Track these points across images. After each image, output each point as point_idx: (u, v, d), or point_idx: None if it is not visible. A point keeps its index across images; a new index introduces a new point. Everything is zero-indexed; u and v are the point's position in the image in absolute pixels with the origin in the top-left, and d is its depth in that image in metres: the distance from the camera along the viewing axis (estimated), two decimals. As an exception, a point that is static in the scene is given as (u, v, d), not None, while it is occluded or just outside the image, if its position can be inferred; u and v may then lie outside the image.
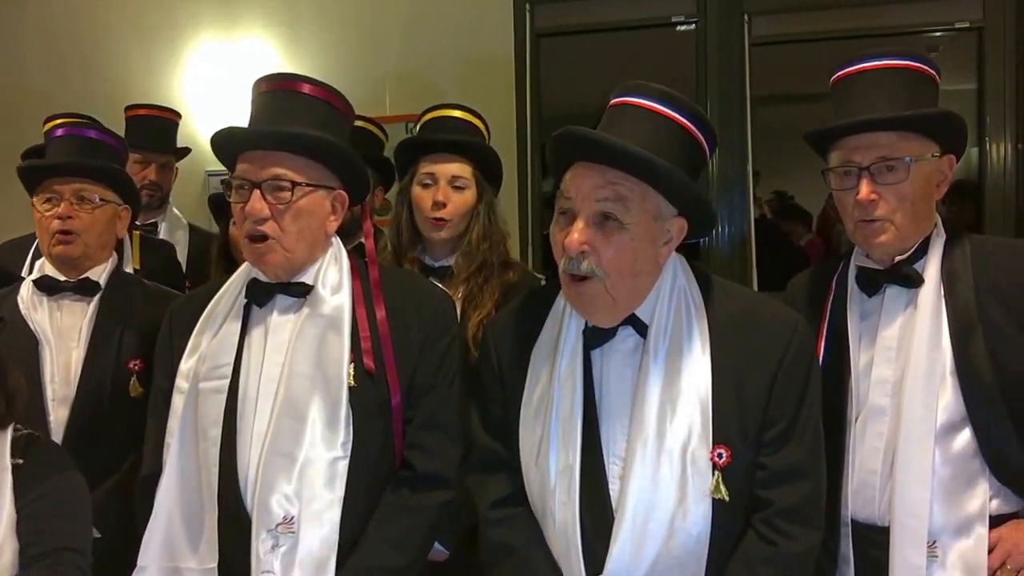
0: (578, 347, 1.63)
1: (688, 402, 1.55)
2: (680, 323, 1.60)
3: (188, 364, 1.82)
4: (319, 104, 1.82)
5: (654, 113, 1.56)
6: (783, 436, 1.58)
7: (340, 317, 1.78)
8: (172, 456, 1.80)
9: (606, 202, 1.53)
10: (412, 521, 1.77)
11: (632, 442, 1.55)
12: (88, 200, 2.28)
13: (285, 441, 1.71)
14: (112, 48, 4.53)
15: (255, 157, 1.76)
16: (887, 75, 1.78)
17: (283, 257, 1.78)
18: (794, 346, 1.60)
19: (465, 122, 2.50)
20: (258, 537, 1.68)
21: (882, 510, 1.79)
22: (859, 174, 1.78)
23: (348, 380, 1.74)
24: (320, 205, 1.81)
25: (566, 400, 1.60)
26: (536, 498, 1.65)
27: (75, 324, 2.29)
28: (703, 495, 1.53)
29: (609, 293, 1.56)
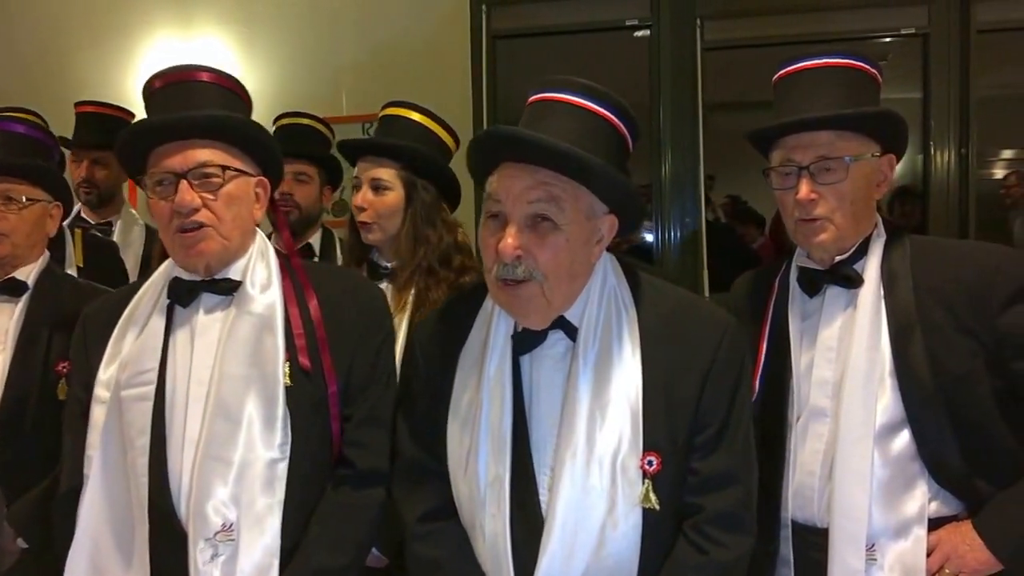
0: (507, 352, 1.55)
1: (618, 409, 1.48)
2: (610, 326, 1.53)
3: (108, 372, 1.70)
4: (222, 91, 1.73)
5: (579, 108, 1.49)
6: (714, 440, 1.52)
7: (273, 315, 1.68)
8: (95, 469, 1.66)
9: (539, 203, 1.45)
10: (354, 519, 1.69)
11: (561, 451, 1.48)
12: (14, 200, 2.16)
13: (220, 445, 1.60)
14: (66, 46, 4.41)
15: (171, 149, 1.65)
16: (827, 74, 1.73)
17: (220, 245, 1.67)
18: (724, 347, 1.53)
19: (415, 123, 2.41)
20: (196, 547, 1.57)
21: (821, 512, 1.74)
22: (799, 173, 1.72)
23: (284, 379, 1.65)
24: (247, 192, 1.71)
25: (495, 408, 1.52)
26: (465, 509, 1.57)
27: (3, 326, 2.17)
28: (633, 504, 1.46)
29: (545, 296, 1.49)
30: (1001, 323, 1.67)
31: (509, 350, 1.55)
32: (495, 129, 1.48)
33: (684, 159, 4.10)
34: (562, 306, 1.52)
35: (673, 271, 4.15)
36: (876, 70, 1.78)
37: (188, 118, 1.65)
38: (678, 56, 4.10)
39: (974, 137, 4.04)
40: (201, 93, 1.69)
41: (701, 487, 1.52)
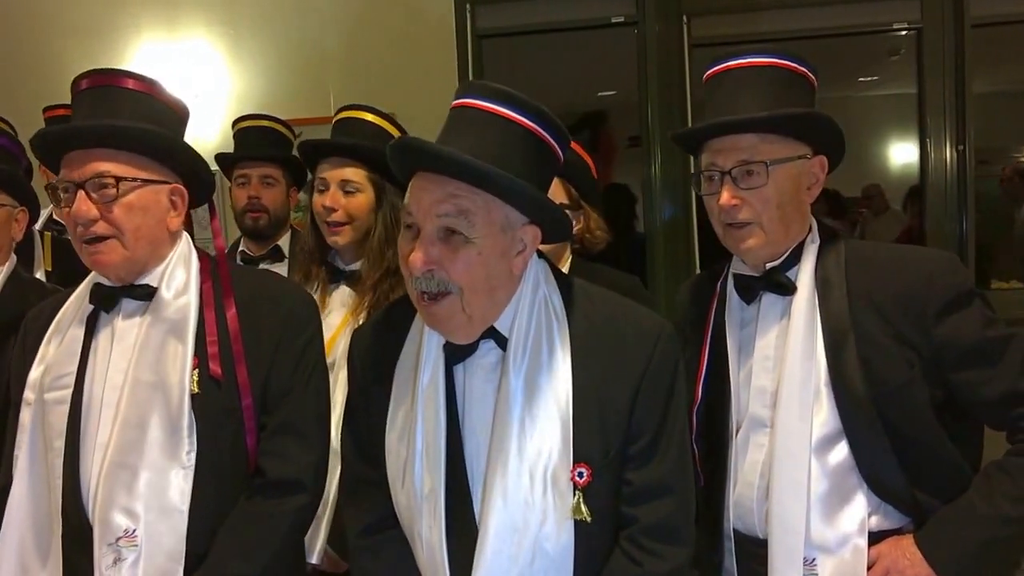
0: (440, 363, 1.52)
1: (548, 419, 1.45)
2: (540, 336, 1.50)
3: (35, 374, 1.72)
4: (143, 98, 1.70)
5: (496, 116, 1.44)
6: (648, 450, 1.49)
7: (184, 320, 1.68)
8: (20, 469, 1.70)
9: (447, 217, 1.41)
10: (263, 528, 1.67)
11: (492, 462, 1.45)
12: None
13: (126, 452, 1.61)
14: (51, 48, 4.42)
15: (75, 157, 1.65)
16: (751, 74, 1.68)
17: (122, 256, 1.67)
18: (657, 355, 1.49)
19: (372, 125, 2.40)
20: (100, 551, 1.59)
21: (761, 523, 1.71)
22: (721, 178, 1.69)
23: (191, 387, 1.64)
24: (154, 201, 1.69)
25: (429, 419, 1.50)
26: (404, 520, 1.55)
27: None
28: (564, 516, 1.44)
29: (464, 310, 1.45)
30: (937, 334, 1.63)
31: (442, 361, 1.52)
32: (402, 140, 1.44)
33: (674, 156, 4.07)
34: (484, 319, 1.49)
35: (663, 270, 4.12)
36: (808, 69, 1.73)
37: (85, 128, 1.65)
38: (665, 53, 4.06)
39: (971, 133, 3.97)
40: (123, 100, 1.68)
41: (635, 498, 1.49)
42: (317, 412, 1.76)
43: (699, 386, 1.82)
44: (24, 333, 1.84)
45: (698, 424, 1.81)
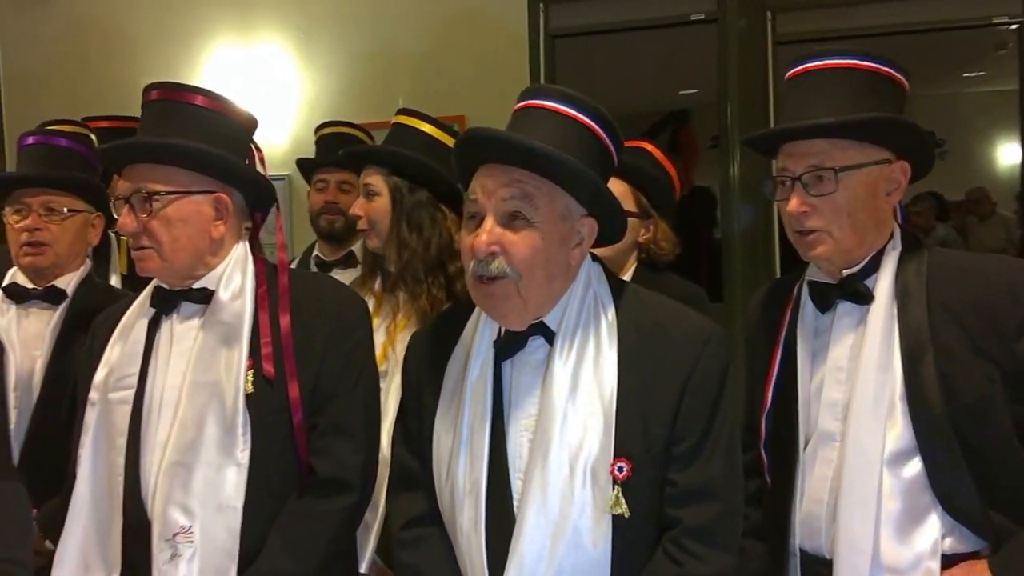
0: (489, 358, 1.61)
1: (591, 413, 1.52)
2: (588, 332, 1.57)
3: (99, 376, 1.84)
4: (204, 112, 1.81)
5: (556, 113, 1.55)
6: (692, 452, 1.53)
7: (239, 322, 1.78)
8: (83, 467, 1.82)
9: (512, 200, 1.52)
10: (313, 527, 1.75)
11: (533, 453, 1.52)
12: (56, 211, 2.31)
13: (183, 451, 1.72)
14: (131, 53, 4.64)
15: (127, 172, 1.80)
16: (829, 77, 1.69)
17: (159, 265, 1.79)
18: (705, 358, 1.54)
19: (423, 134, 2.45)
20: (157, 546, 1.70)
21: (828, 542, 1.70)
22: (792, 184, 1.69)
23: (246, 386, 1.74)
24: (195, 211, 1.80)
25: (475, 412, 1.58)
26: (446, 512, 1.63)
27: (40, 332, 2.32)
28: (603, 510, 1.49)
29: (520, 295, 1.54)
30: (1019, 348, 1.60)
31: (491, 356, 1.61)
32: (470, 130, 1.56)
33: (754, 158, 4.03)
34: (538, 307, 1.57)
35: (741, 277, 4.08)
36: (895, 70, 1.72)
37: (123, 146, 1.80)
38: (747, 51, 4.03)
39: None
40: (184, 114, 1.79)
41: (679, 499, 1.53)
42: (366, 413, 1.84)
43: (768, 392, 1.83)
44: (91, 337, 1.97)
45: (766, 431, 1.83)
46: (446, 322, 1.76)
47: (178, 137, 1.78)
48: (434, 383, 1.67)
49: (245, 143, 1.92)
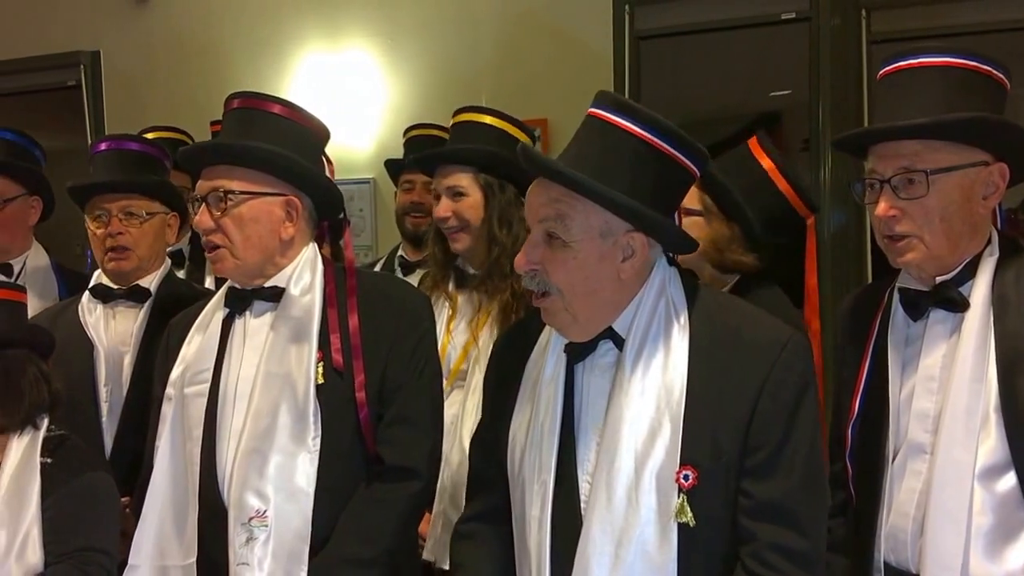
0: (561, 360, 1.63)
1: (658, 419, 1.50)
2: (658, 337, 1.56)
3: (176, 372, 1.96)
4: (286, 123, 1.92)
5: (611, 126, 1.54)
6: (768, 464, 1.49)
7: (309, 317, 1.88)
8: (160, 458, 1.93)
9: (547, 221, 1.54)
10: (382, 513, 1.85)
11: (600, 457, 1.53)
12: (135, 215, 2.39)
13: (257, 439, 1.82)
14: (225, 62, 4.77)
15: (204, 173, 1.91)
16: (923, 75, 1.63)
17: (233, 264, 1.90)
18: (781, 366, 1.50)
19: (490, 127, 2.45)
20: (233, 530, 1.80)
21: (915, 557, 1.64)
22: (881, 187, 1.63)
23: (316, 378, 1.83)
24: (266, 212, 1.90)
25: (546, 412, 1.60)
26: (517, 506, 1.65)
27: (127, 330, 2.42)
28: (668, 518, 1.47)
29: (568, 311, 1.56)
30: None
31: (564, 359, 1.62)
32: (521, 148, 1.63)
33: (845, 161, 3.92)
34: (591, 321, 1.57)
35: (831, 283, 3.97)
36: (994, 68, 1.64)
37: (206, 147, 1.93)
38: (840, 50, 3.92)
39: None
40: (262, 122, 1.90)
41: (756, 512, 1.49)
42: (430, 404, 1.95)
43: (856, 401, 1.78)
44: (168, 336, 2.09)
45: (853, 441, 1.77)
46: (525, 328, 1.79)
47: (256, 142, 1.87)
48: (512, 387, 1.70)
49: (318, 151, 2.01)
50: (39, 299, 2.65)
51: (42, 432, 2.06)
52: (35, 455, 2.02)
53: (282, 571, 1.78)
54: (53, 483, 1.99)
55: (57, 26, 5.11)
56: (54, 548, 1.96)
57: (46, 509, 1.97)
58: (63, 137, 5.00)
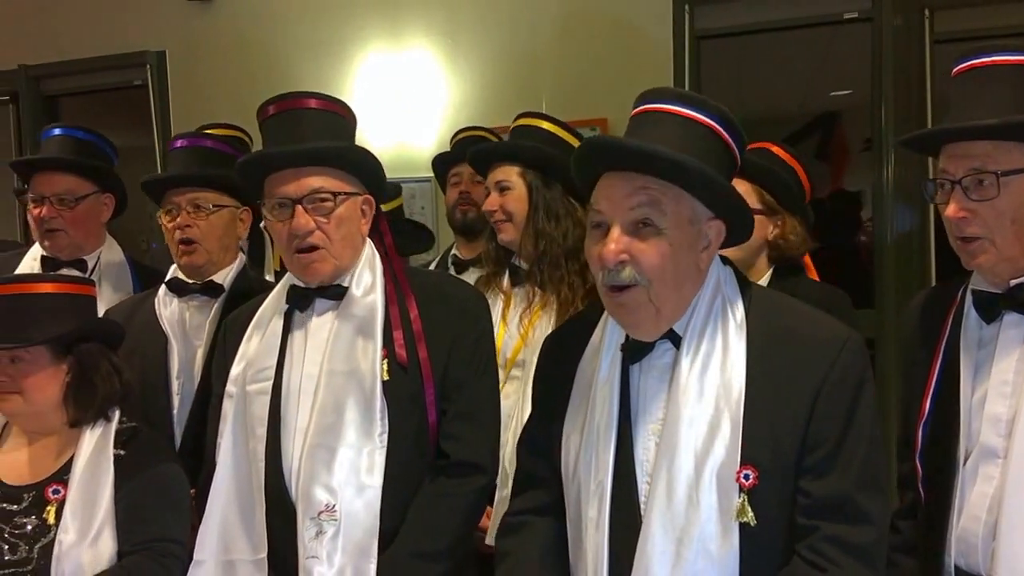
0: (617, 360, 1.62)
1: (717, 419, 1.50)
2: (715, 337, 1.55)
3: (236, 370, 1.98)
4: (327, 116, 1.94)
5: (675, 115, 1.53)
6: (826, 462, 1.49)
7: (372, 315, 1.91)
8: (223, 455, 1.95)
9: (640, 208, 1.50)
10: (449, 507, 1.88)
11: (659, 457, 1.52)
12: (203, 208, 2.42)
13: (325, 434, 1.85)
14: (288, 62, 4.85)
15: (287, 176, 1.89)
16: (994, 74, 1.60)
17: (332, 265, 1.93)
18: (840, 366, 1.49)
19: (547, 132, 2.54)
20: (303, 525, 1.82)
21: (986, 562, 1.62)
22: (952, 188, 1.61)
23: (382, 374, 1.86)
24: (355, 211, 1.95)
25: (602, 413, 1.59)
26: (572, 511, 1.65)
27: (201, 323, 2.46)
28: (729, 517, 1.47)
29: (652, 302, 1.53)
30: None
31: (619, 359, 1.62)
32: (591, 139, 1.56)
33: (909, 161, 3.87)
34: (672, 314, 1.56)
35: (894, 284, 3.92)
36: None
37: (302, 150, 1.89)
38: (903, 49, 3.87)
39: None
40: (308, 120, 1.92)
41: (813, 511, 1.49)
42: (491, 400, 1.99)
43: (926, 401, 1.76)
44: (225, 333, 2.12)
45: (923, 442, 1.76)
46: (576, 326, 1.79)
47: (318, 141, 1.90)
48: (564, 386, 1.70)
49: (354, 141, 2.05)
50: (114, 292, 2.72)
51: (114, 424, 2.10)
52: (108, 447, 2.06)
53: (352, 565, 1.80)
54: (126, 474, 2.03)
55: (124, 27, 5.23)
56: (128, 538, 2.00)
57: (119, 500, 2.01)
58: (130, 136, 5.11)
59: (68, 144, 2.73)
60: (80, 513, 1.98)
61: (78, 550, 1.95)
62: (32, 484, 2.03)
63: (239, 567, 1.88)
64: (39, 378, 2.04)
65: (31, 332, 2.02)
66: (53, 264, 2.69)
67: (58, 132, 2.76)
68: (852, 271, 4.35)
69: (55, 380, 2.06)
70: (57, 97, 5.65)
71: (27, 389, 2.02)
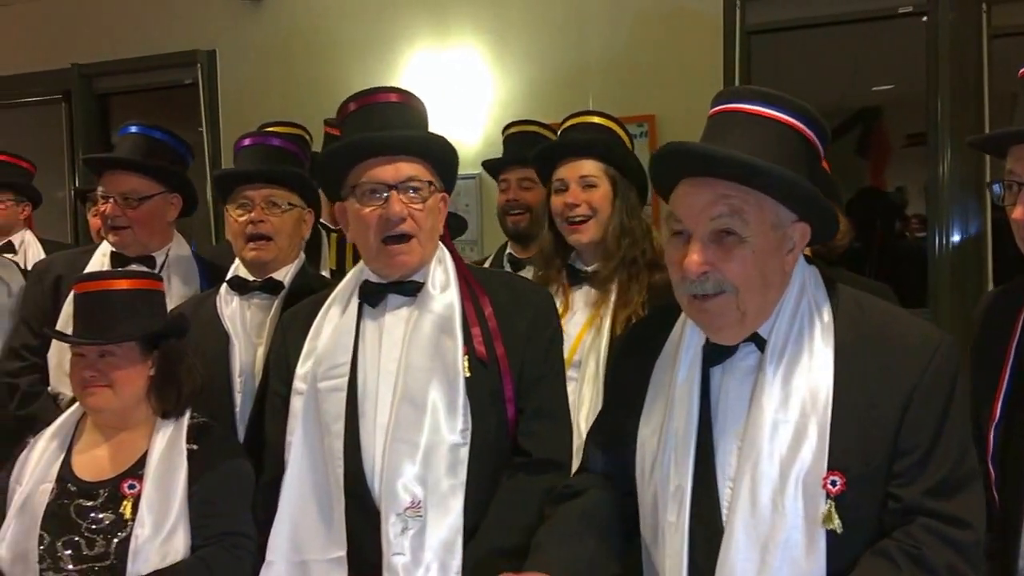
0: (696, 362, 1.59)
1: (803, 423, 1.47)
2: (801, 339, 1.52)
3: (305, 367, 1.96)
4: (408, 109, 1.96)
5: (759, 116, 1.50)
6: (916, 469, 1.46)
7: (451, 312, 1.91)
8: (294, 454, 1.93)
9: (721, 218, 1.47)
10: (532, 504, 1.85)
11: (742, 462, 1.50)
12: (278, 205, 2.46)
13: (407, 428, 1.84)
14: (331, 63, 4.90)
15: (381, 162, 1.88)
16: None
17: (419, 257, 1.93)
18: (933, 371, 1.47)
19: (600, 126, 2.55)
20: (387, 521, 1.81)
21: None
22: (1019, 189, 1.60)
23: (464, 371, 1.86)
24: (438, 205, 1.97)
25: (681, 417, 1.57)
26: (647, 515, 1.63)
27: (262, 321, 2.48)
28: (815, 524, 1.44)
29: (739, 308, 1.50)
30: None
31: (699, 360, 1.59)
32: (670, 145, 1.51)
33: (965, 157, 3.83)
34: (756, 318, 1.53)
35: (948, 285, 3.89)
36: None
37: (404, 137, 1.89)
38: (960, 44, 3.83)
39: None
40: (393, 112, 1.93)
41: (903, 514, 1.46)
42: (566, 398, 2.01)
43: (997, 404, 1.75)
44: (284, 331, 2.11)
45: (995, 444, 1.75)
46: (652, 325, 1.78)
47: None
48: (640, 385, 1.68)
49: None
50: (182, 289, 2.76)
51: (185, 420, 2.14)
52: (180, 442, 2.10)
53: (437, 561, 1.79)
54: (198, 469, 2.07)
55: (175, 26, 5.32)
56: (200, 532, 2.04)
57: (193, 495, 2.05)
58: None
59: (141, 143, 2.76)
60: (155, 507, 2.02)
61: (153, 544, 1.98)
62: (107, 480, 2.08)
63: (313, 567, 1.87)
64: (128, 372, 2.09)
65: (117, 328, 2.07)
66: (122, 260, 2.72)
67: (134, 130, 2.80)
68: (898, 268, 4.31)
69: (141, 375, 2.12)
70: (109, 96, 5.76)
71: (117, 383, 2.08)
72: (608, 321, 2.38)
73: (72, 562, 1.99)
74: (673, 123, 4.21)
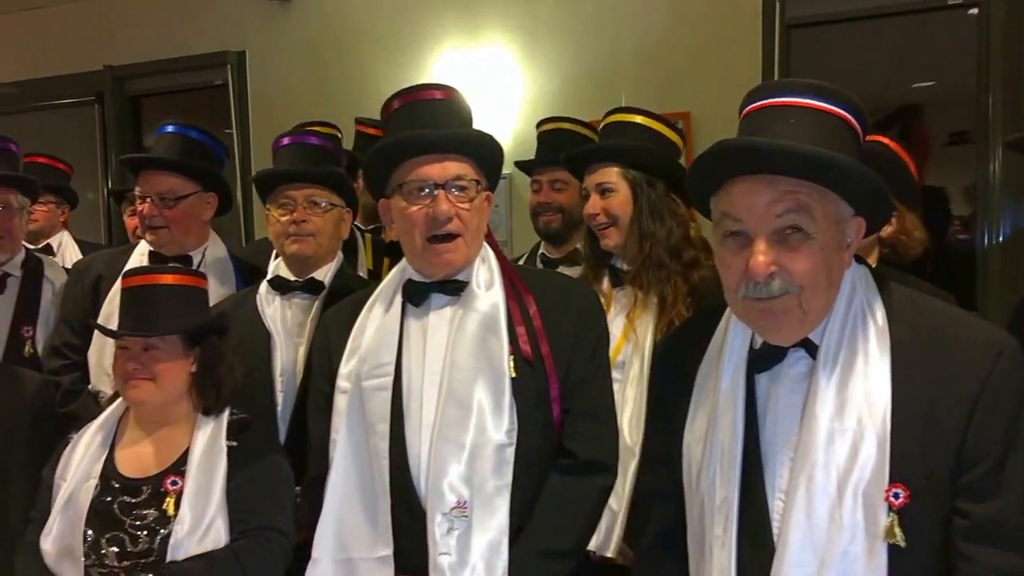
0: (741, 369, 1.53)
1: (862, 433, 1.40)
2: (855, 343, 1.45)
3: (349, 366, 1.95)
4: (454, 106, 1.93)
5: (808, 109, 1.43)
6: (986, 482, 1.38)
7: (496, 311, 1.89)
8: (339, 453, 1.92)
9: (788, 215, 1.41)
10: (577, 505, 1.87)
11: (795, 474, 1.43)
12: (319, 204, 2.47)
13: (453, 428, 1.82)
14: (360, 61, 4.88)
15: (429, 160, 1.86)
16: None
17: (464, 256, 1.91)
18: (997, 374, 1.38)
19: (632, 125, 2.49)
20: (433, 521, 1.80)
21: None
22: None
23: (510, 371, 1.84)
24: (484, 204, 1.94)
25: (726, 426, 1.51)
26: (695, 524, 1.58)
27: (303, 321, 2.48)
28: (876, 538, 1.38)
29: (802, 307, 1.44)
30: None
31: (743, 367, 1.54)
32: (728, 142, 1.43)
33: (1017, 156, 3.73)
34: (817, 319, 1.47)
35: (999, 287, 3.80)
36: None
37: (452, 134, 1.87)
38: (1012, 40, 3.74)
39: None
40: (439, 109, 1.91)
41: (973, 534, 1.39)
42: (612, 399, 1.98)
43: None
44: (326, 331, 2.09)
45: None
46: (693, 329, 1.72)
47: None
48: (683, 395, 1.63)
49: None
50: (220, 286, 2.75)
51: (225, 416, 2.14)
52: (220, 438, 2.10)
53: (483, 562, 1.78)
54: (237, 465, 2.07)
55: (205, 28, 5.33)
56: (236, 526, 2.04)
57: (231, 491, 2.05)
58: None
59: (177, 143, 2.77)
60: (195, 503, 2.02)
61: (192, 539, 1.99)
62: (150, 476, 2.08)
63: (359, 565, 1.86)
64: (171, 366, 2.10)
65: (162, 322, 2.08)
66: (160, 259, 2.73)
67: (171, 130, 2.81)
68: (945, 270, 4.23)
69: (184, 369, 2.12)
70: (140, 97, 5.78)
71: (160, 376, 2.08)
72: (650, 322, 2.36)
73: (116, 559, 2.00)
74: (709, 121, 4.13)
